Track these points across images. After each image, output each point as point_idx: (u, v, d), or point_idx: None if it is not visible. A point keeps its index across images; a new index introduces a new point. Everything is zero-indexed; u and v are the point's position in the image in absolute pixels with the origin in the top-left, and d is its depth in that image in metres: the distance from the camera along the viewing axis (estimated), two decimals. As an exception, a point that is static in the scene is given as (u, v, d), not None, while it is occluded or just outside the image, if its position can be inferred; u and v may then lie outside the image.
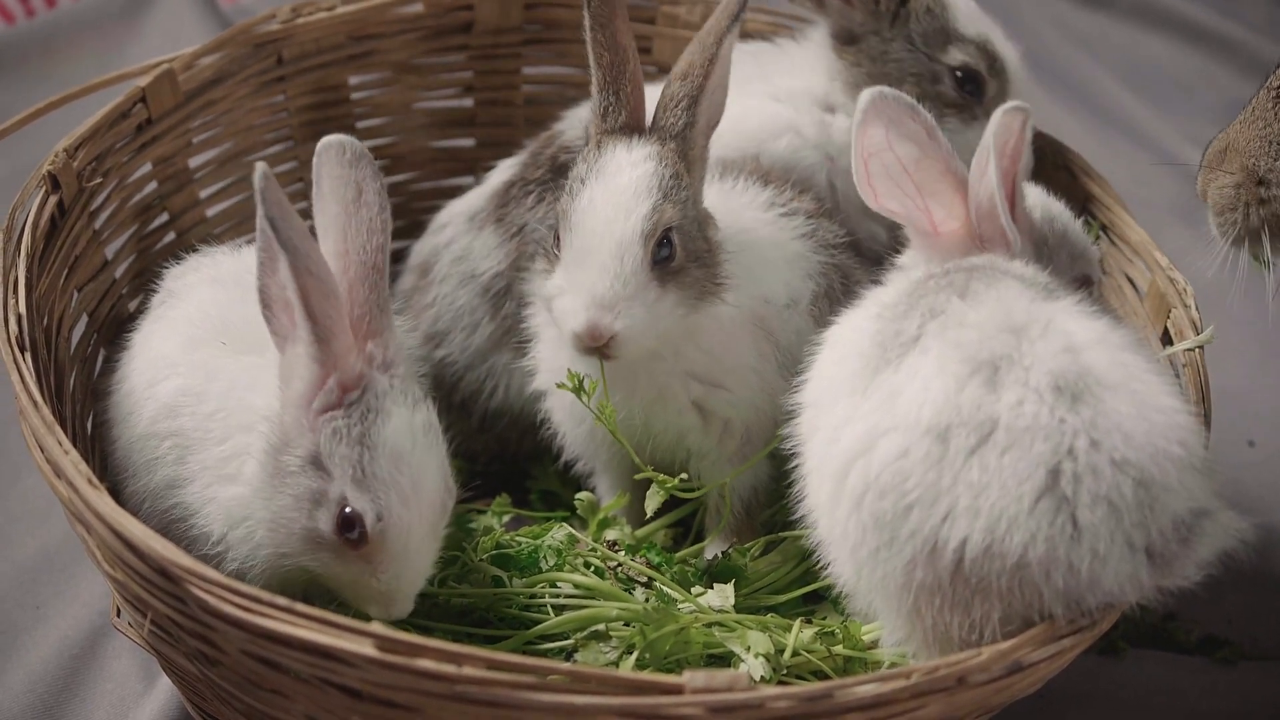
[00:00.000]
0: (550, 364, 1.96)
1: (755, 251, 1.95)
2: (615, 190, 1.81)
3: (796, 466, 1.75)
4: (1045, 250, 1.87)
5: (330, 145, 1.73)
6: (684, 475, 1.91)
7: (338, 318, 1.65)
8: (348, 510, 1.64)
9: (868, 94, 1.80)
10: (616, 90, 1.88)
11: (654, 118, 1.88)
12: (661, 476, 1.90)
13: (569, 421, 2.00)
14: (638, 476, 1.92)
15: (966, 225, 1.81)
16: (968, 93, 2.15)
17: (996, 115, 1.77)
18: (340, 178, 1.72)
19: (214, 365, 1.80)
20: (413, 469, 1.67)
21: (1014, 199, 1.83)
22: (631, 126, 1.88)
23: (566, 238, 1.82)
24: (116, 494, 1.85)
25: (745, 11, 1.89)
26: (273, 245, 1.61)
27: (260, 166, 1.60)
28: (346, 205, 1.71)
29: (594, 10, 1.88)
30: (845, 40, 2.19)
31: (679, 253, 1.82)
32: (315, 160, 1.73)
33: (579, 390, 1.85)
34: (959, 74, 2.15)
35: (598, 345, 1.78)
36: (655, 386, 1.91)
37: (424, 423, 1.70)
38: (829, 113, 2.20)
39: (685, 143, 1.86)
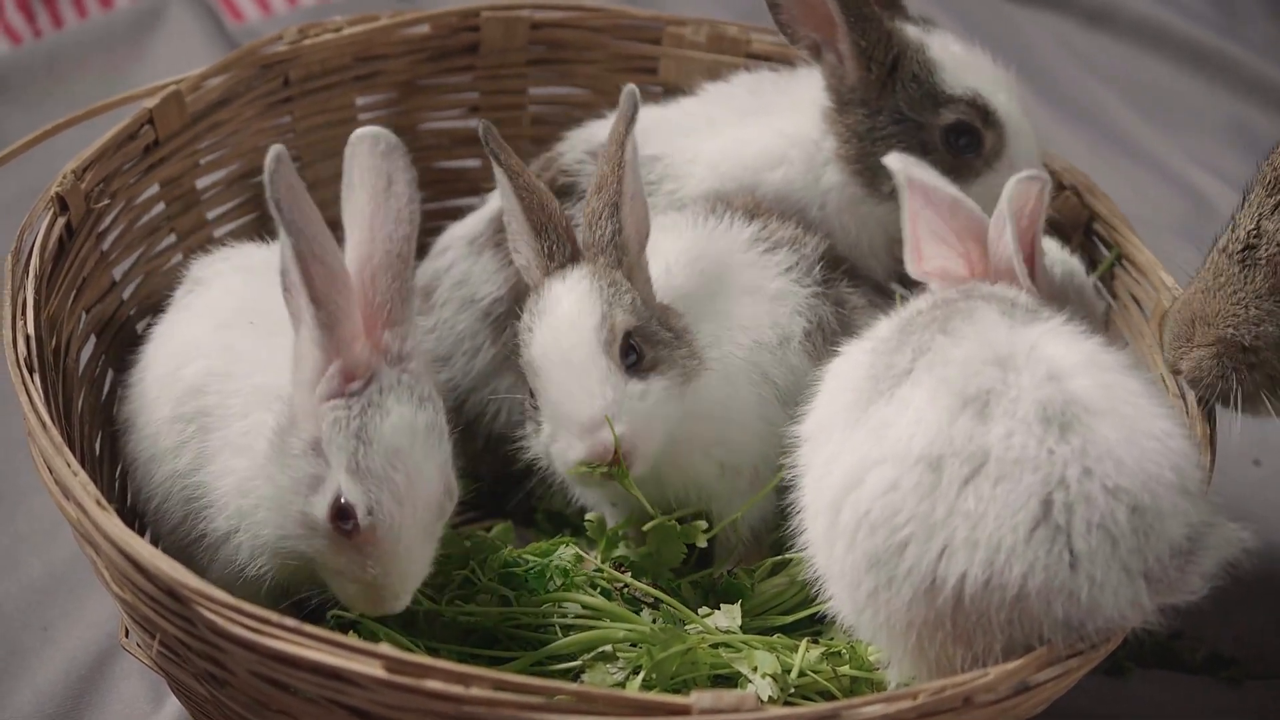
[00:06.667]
0: None
1: (740, 295, 1.95)
2: (562, 320, 1.81)
3: (795, 499, 1.74)
4: (1065, 305, 1.84)
5: (364, 137, 1.71)
6: (701, 523, 1.91)
7: (345, 304, 1.64)
8: (343, 500, 1.64)
9: (898, 168, 1.80)
10: (554, 227, 1.88)
11: (581, 239, 1.88)
12: (670, 521, 1.90)
13: (575, 490, 1.98)
14: (646, 527, 1.90)
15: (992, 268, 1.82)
16: (962, 147, 2.09)
17: (1010, 184, 1.75)
18: (371, 168, 1.70)
19: (241, 346, 1.82)
20: (409, 467, 1.65)
21: (1034, 259, 1.82)
22: (569, 259, 1.87)
23: (536, 385, 1.82)
24: (139, 492, 1.90)
25: (638, 113, 1.87)
26: (280, 228, 1.60)
27: (275, 148, 1.58)
28: (375, 195, 1.70)
29: (504, 163, 1.89)
30: (837, 103, 2.13)
31: (647, 352, 1.82)
32: (347, 152, 1.71)
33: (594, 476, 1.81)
34: (950, 131, 2.09)
35: (609, 462, 1.77)
36: (678, 465, 1.91)
37: (427, 423, 1.68)
38: (822, 163, 2.15)
39: (618, 251, 1.85)
